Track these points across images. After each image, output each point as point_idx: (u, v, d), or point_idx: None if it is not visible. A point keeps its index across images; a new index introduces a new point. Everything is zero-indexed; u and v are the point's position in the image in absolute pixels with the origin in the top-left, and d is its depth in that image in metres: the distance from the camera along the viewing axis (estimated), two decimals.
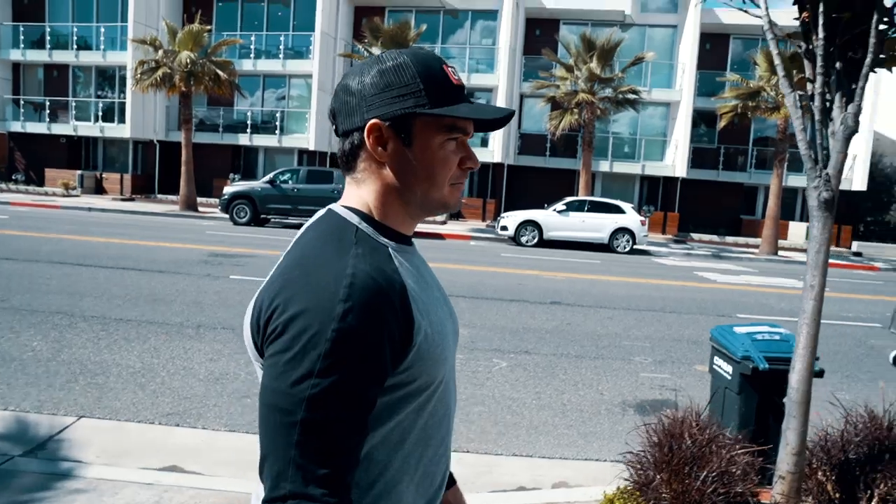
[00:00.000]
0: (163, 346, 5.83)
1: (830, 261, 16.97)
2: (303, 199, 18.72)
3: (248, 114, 26.46)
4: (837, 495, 2.87)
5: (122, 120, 25.95)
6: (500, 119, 1.03)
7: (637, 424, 3.88)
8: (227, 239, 14.47)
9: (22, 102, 27.53)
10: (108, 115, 26.52)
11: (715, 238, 25.02)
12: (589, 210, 18.60)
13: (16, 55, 26.95)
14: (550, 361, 6.18)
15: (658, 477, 2.66)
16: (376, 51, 20.62)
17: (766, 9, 2.66)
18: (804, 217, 27.09)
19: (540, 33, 26.13)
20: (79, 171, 25.93)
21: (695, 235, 25.28)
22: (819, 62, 2.51)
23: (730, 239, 24.93)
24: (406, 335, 0.92)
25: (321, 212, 1.05)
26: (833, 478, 2.93)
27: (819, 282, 2.60)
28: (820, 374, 3.55)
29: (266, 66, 26.11)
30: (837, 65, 2.58)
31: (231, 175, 24.02)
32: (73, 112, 26.81)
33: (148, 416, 4.36)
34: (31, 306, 6.86)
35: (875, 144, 26.12)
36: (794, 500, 2.71)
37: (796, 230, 25.24)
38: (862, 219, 27.52)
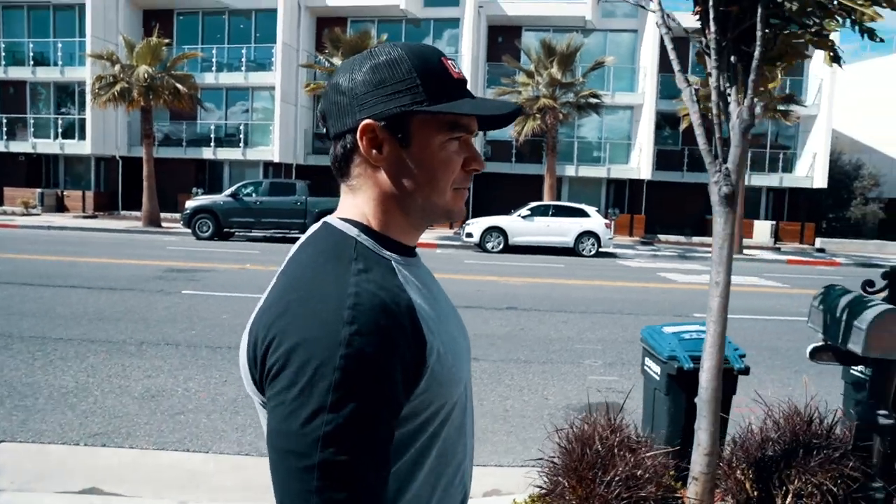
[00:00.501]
0: (101, 364, 5.69)
1: (796, 258, 17.29)
2: (266, 211, 18.58)
3: (212, 127, 26.22)
4: (755, 493, 2.86)
5: (82, 136, 25.52)
6: (506, 115, 0.95)
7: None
8: (188, 254, 14.25)
9: None
10: (68, 132, 26.06)
11: (682, 239, 25.32)
12: (553, 214, 18.69)
13: None
14: (498, 367, 6.15)
15: (565, 482, 2.63)
16: (337, 61, 20.59)
17: (660, 4, 2.67)
18: (769, 215, 27.58)
19: (502, 40, 26.31)
20: (39, 190, 25.42)
21: (662, 237, 25.56)
22: (713, 56, 2.53)
23: (696, 239, 25.24)
24: (419, 357, 0.83)
25: (315, 226, 0.96)
26: (751, 476, 2.93)
27: (724, 279, 2.59)
28: (745, 371, 3.57)
29: (229, 78, 25.91)
30: (732, 59, 2.60)
31: (194, 189, 23.70)
32: (32, 129, 26.31)
33: (74, 437, 4.22)
34: None
35: (833, 142, 26.71)
36: (708, 501, 2.70)
37: (761, 228, 25.64)
38: (824, 216, 28.06)
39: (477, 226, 18.69)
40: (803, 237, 26.22)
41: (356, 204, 0.94)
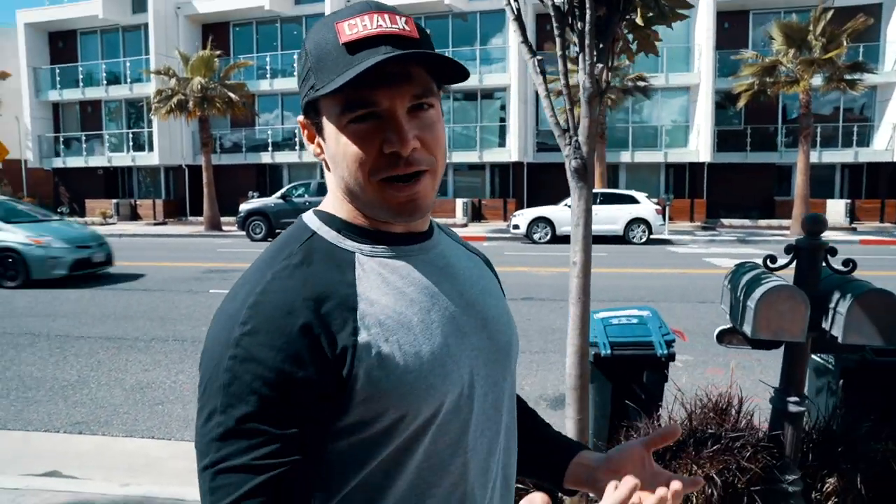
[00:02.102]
0: (108, 359, 6.08)
1: (872, 238, 16.22)
2: None
3: (269, 132, 27.15)
4: None
5: (151, 148, 27.06)
6: (398, 61, 0.76)
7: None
8: (234, 255, 14.88)
9: (62, 139, 29.03)
10: (138, 145, 27.70)
11: (747, 222, 24.20)
12: (602, 202, 18.24)
13: (54, 96, 28.53)
14: None
15: None
16: None
17: None
18: (844, 194, 25.90)
19: (549, 28, 25.85)
20: (115, 200, 27.16)
21: (725, 221, 24.50)
22: (553, 21, 2.46)
23: (763, 222, 24.06)
24: (333, 358, 0.76)
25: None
26: None
27: (581, 258, 2.52)
28: (670, 357, 3.44)
29: (283, 84, 26.73)
30: (579, 25, 2.52)
31: (249, 193, 24.63)
32: (107, 144, 28.12)
33: (57, 425, 4.56)
34: (4, 329, 7.25)
35: None
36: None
37: (835, 207, 24.10)
38: None
39: (523, 217, 18.54)
40: (884, 215, 24.46)
41: (329, 194, 0.90)
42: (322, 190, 19.34)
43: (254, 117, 26.32)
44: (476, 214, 25.92)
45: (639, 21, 2.46)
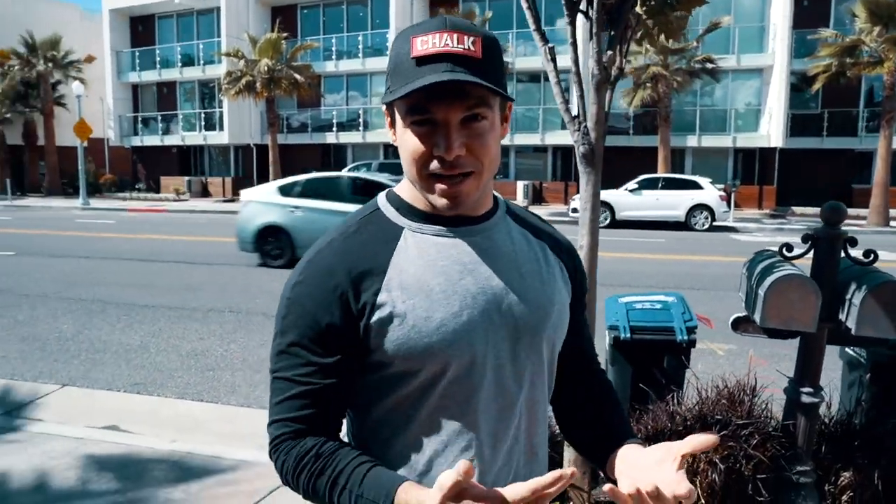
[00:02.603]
0: (167, 327, 6.50)
1: None
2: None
3: (334, 113, 27.68)
4: None
5: (221, 128, 28.08)
6: (451, 82, 0.88)
7: None
8: None
9: (140, 119, 30.51)
10: (210, 124, 28.80)
11: (819, 211, 23.06)
12: (663, 187, 17.88)
13: (133, 77, 29.95)
14: None
15: None
16: None
17: None
18: None
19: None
20: (187, 178, 28.42)
21: (797, 209, 23.46)
22: (566, 10, 2.50)
23: None
24: (355, 309, 0.94)
25: None
26: None
27: (588, 241, 2.59)
28: (691, 343, 3.45)
29: (348, 66, 27.17)
30: (590, 11, 2.55)
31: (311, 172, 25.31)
32: (181, 124, 29.36)
33: (119, 385, 4.95)
34: (79, 296, 7.83)
35: None
36: (582, 468, 2.72)
37: None
38: None
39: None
40: None
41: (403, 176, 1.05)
42: (384, 171, 19.68)
43: (319, 98, 26.90)
44: (537, 197, 25.78)
45: (638, 10, 2.47)
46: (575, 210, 18.34)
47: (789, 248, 2.83)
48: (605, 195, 18.15)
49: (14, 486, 3.30)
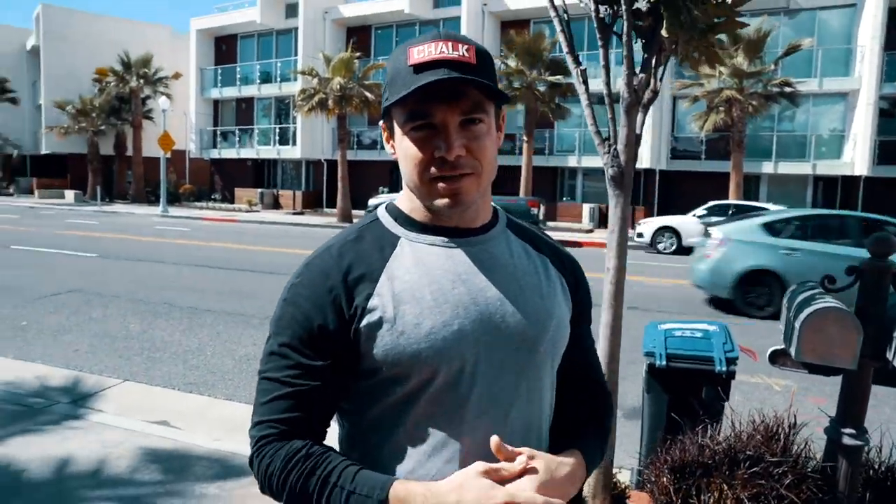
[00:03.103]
0: (224, 331, 6.78)
1: None
2: None
3: None
4: (677, 499, 2.76)
5: (294, 142, 29.11)
6: (448, 81, 0.92)
7: None
8: None
9: (219, 133, 32.01)
10: (283, 139, 29.93)
11: None
12: (733, 214, 17.28)
13: (215, 93, 31.54)
14: None
15: None
16: (512, 63, 21.06)
17: None
18: None
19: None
20: (260, 190, 29.55)
21: None
22: (598, 33, 2.51)
23: None
24: (347, 312, 0.97)
25: None
26: (674, 481, 2.81)
27: (615, 264, 2.57)
28: (730, 375, 3.34)
29: None
30: (632, 38, 2.55)
31: (380, 188, 25.76)
32: (257, 138, 30.61)
33: (174, 383, 5.20)
34: (148, 298, 8.27)
35: None
36: (602, 495, 2.68)
37: None
38: None
39: (648, 225, 17.98)
40: None
41: (402, 189, 1.08)
42: None
43: None
44: (603, 220, 25.40)
45: (663, 33, 2.46)
46: (640, 235, 17.95)
47: (832, 280, 2.72)
48: (672, 221, 17.73)
49: (71, 469, 3.52)
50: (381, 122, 1.06)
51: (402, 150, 0.99)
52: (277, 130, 30.25)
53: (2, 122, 36.98)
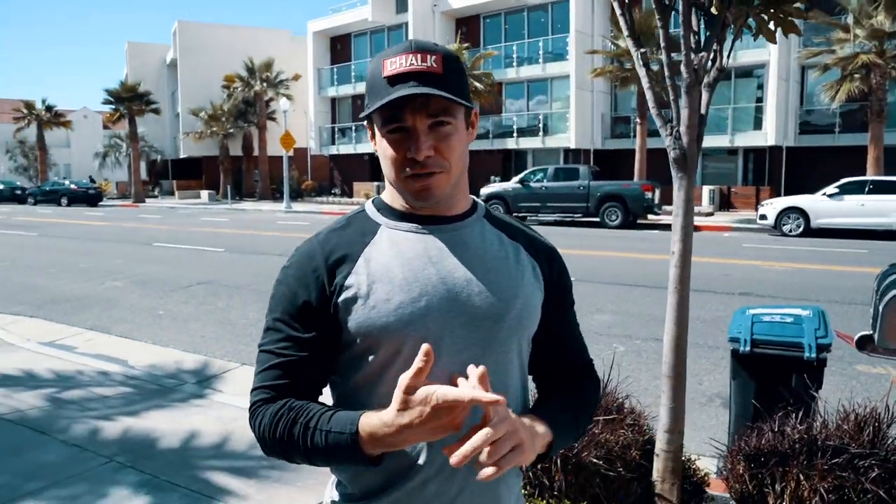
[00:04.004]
0: None
1: None
2: (550, 196, 19.45)
3: (514, 119, 28.14)
4: (751, 486, 2.69)
5: None
6: (414, 95, 1.03)
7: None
8: None
9: (336, 130, 33.50)
10: None
11: None
12: (870, 192, 15.79)
13: (332, 91, 33.04)
14: (637, 346, 6.02)
15: None
16: (622, 43, 20.40)
17: None
18: None
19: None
20: (376, 183, 30.61)
21: None
22: (657, 14, 2.46)
23: None
24: (328, 289, 1.09)
25: None
26: (751, 468, 2.74)
27: (680, 248, 2.52)
28: (820, 362, 3.18)
29: (528, 72, 27.49)
30: (690, 16, 2.48)
31: (491, 177, 25.88)
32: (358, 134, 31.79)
33: None
34: (267, 289, 8.78)
35: None
36: (670, 479, 2.66)
37: None
38: None
39: (772, 207, 16.82)
40: None
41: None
42: (558, 175, 19.67)
43: (500, 105, 27.55)
44: (724, 202, 24.09)
45: (714, 11, 2.37)
46: (763, 217, 16.87)
47: None
48: (799, 201, 16.52)
49: (193, 440, 3.97)
50: (364, 123, 1.17)
51: (381, 149, 1.10)
52: None
53: (147, 131, 40.89)
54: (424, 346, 0.94)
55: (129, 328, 7.05)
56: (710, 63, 2.47)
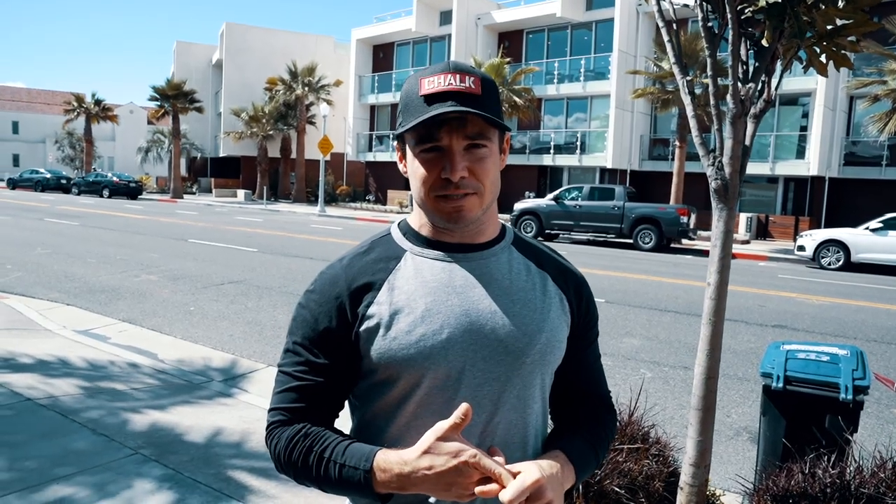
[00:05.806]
0: None
1: None
2: (585, 215, 19.29)
3: (552, 135, 28.08)
4: None
5: None
6: (455, 112, 1.01)
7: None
8: None
9: (374, 137, 33.82)
10: None
11: None
12: None
13: (371, 99, 33.39)
14: (666, 373, 5.89)
15: None
16: (664, 65, 20.26)
17: None
18: None
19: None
20: (410, 192, 30.74)
21: None
22: (705, 43, 2.43)
23: None
24: (350, 317, 1.07)
25: None
26: None
27: (715, 279, 2.47)
28: (857, 404, 3.09)
29: (568, 89, 27.43)
30: (739, 47, 2.44)
31: (526, 193, 25.80)
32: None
33: None
34: (297, 291, 9.01)
35: None
36: None
37: None
38: None
39: (811, 238, 16.45)
40: None
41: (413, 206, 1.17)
42: (594, 194, 19.53)
43: (538, 120, 27.52)
44: (761, 231, 23.64)
45: (765, 43, 2.33)
46: (801, 248, 16.51)
47: None
48: (840, 234, 16.12)
49: (216, 438, 4.01)
50: (394, 143, 1.16)
51: (413, 169, 1.09)
52: None
53: (189, 129, 41.83)
54: (464, 406, 0.94)
55: (160, 322, 7.18)
56: (757, 94, 2.43)
